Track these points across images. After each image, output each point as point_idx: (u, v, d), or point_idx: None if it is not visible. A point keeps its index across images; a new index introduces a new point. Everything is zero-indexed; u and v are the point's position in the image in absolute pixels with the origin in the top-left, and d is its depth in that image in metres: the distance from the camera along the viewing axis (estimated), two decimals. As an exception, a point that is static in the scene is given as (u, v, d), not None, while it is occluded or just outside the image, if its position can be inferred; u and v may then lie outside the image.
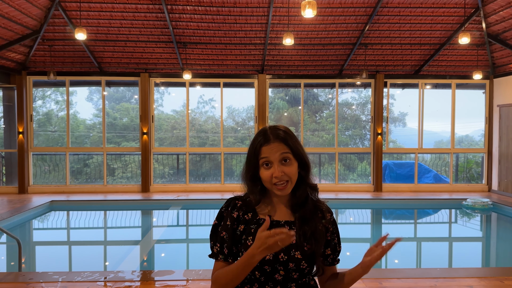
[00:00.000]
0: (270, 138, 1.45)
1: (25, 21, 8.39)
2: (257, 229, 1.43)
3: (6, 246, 6.53)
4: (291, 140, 1.46)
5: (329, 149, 12.12)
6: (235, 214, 1.50)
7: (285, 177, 1.42)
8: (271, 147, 1.43)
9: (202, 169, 12.71)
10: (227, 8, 8.58)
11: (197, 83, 10.65)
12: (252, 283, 1.46)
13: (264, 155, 1.44)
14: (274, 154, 1.43)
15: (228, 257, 1.48)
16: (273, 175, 1.42)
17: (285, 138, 1.45)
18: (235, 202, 1.53)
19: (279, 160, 1.43)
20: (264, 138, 1.46)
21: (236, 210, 1.51)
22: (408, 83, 10.76)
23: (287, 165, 1.43)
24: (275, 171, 1.41)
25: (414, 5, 8.57)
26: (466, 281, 3.99)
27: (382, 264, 5.66)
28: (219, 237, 1.50)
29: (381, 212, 9.41)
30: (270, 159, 1.43)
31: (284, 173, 1.42)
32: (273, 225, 1.46)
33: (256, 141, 1.48)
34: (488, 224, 8.46)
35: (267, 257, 1.41)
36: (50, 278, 4.04)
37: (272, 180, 1.42)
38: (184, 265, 5.51)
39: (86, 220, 8.52)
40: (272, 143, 1.44)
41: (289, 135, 1.48)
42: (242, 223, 1.49)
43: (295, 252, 1.42)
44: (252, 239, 1.43)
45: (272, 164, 1.43)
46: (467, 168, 11.93)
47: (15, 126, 10.01)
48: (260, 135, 1.48)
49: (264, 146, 1.44)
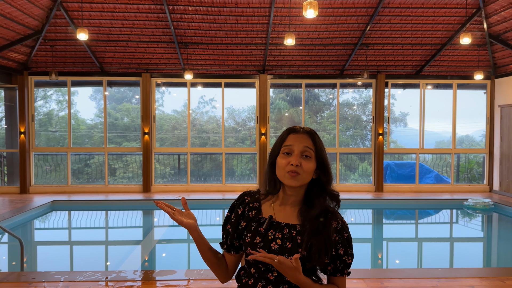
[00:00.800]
0: (299, 129, 1.51)
1: (27, 21, 8.40)
2: (257, 227, 1.48)
3: (8, 245, 6.54)
4: (318, 139, 1.51)
5: (330, 149, 12.11)
6: (240, 210, 1.55)
7: (300, 170, 1.43)
8: (298, 137, 1.48)
9: (203, 169, 12.72)
10: (229, 8, 8.59)
11: (198, 83, 10.66)
12: (249, 277, 1.51)
13: (289, 142, 1.48)
14: (298, 143, 1.47)
15: (231, 249, 1.56)
16: (289, 163, 1.44)
17: (312, 134, 1.50)
18: (244, 198, 1.57)
19: (301, 151, 1.46)
20: (294, 128, 1.52)
21: (242, 206, 1.55)
22: (409, 83, 10.76)
23: (306, 160, 1.46)
24: (293, 159, 1.44)
25: (415, 5, 8.57)
26: (467, 281, 3.99)
27: (384, 264, 5.67)
28: (226, 229, 1.57)
29: (382, 213, 9.41)
30: (293, 147, 1.46)
31: (300, 165, 1.43)
32: (273, 225, 1.47)
33: (284, 131, 1.54)
34: (490, 225, 8.46)
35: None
36: (52, 277, 4.05)
37: (287, 168, 1.44)
38: (186, 265, 5.52)
39: (87, 220, 8.53)
40: (300, 134, 1.49)
41: (317, 135, 1.53)
42: (245, 219, 1.53)
43: (288, 257, 1.40)
44: (250, 236, 1.47)
45: (292, 153, 1.46)
46: (468, 168, 11.92)
47: (16, 126, 10.03)
48: (289, 127, 1.55)
49: (291, 134, 1.50)
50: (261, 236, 1.46)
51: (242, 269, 1.56)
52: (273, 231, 1.46)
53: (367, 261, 5.52)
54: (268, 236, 1.45)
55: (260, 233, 1.46)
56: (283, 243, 1.44)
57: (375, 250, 6.57)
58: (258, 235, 1.46)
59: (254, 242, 1.45)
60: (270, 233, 1.46)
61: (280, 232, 1.46)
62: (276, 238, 1.45)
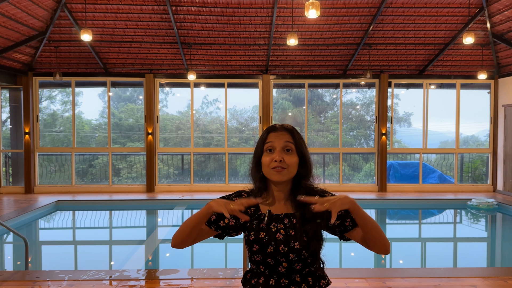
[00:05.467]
0: (278, 127, 1.58)
1: (31, 22, 8.47)
2: (258, 223, 1.53)
3: (13, 245, 6.60)
4: (298, 135, 1.58)
5: (333, 149, 12.11)
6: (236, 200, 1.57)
7: (284, 164, 1.50)
8: (278, 134, 1.55)
9: (206, 169, 12.75)
10: (232, 9, 8.61)
11: (202, 83, 10.70)
12: (258, 276, 1.54)
13: (270, 140, 1.55)
14: (279, 140, 1.53)
15: (212, 225, 1.58)
16: (273, 159, 1.50)
17: (291, 131, 1.57)
18: (241, 194, 1.63)
19: (282, 147, 1.52)
20: (273, 127, 1.60)
21: (239, 198, 1.56)
22: (412, 83, 10.74)
23: (288, 154, 1.52)
24: (275, 155, 1.51)
25: (418, 5, 8.56)
26: (470, 280, 3.99)
27: (387, 264, 5.67)
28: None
29: (385, 212, 9.40)
30: (274, 144, 1.53)
31: (283, 160, 1.50)
32: (273, 218, 1.53)
33: (264, 131, 1.61)
34: (493, 225, 8.43)
35: (269, 249, 1.48)
36: (56, 276, 4.09)
37: (271, 164, 1.50)
38: (189, 264, 5.54)
39: (91, 219, 8.58)
40: (279, 131, 1.56)
41: (296, 131, 1.59)
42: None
43: (294, 243, 1.47)
44: (254, 234, 1.52)
45: (275, 150, 1.52)
46: (473, 168, 11.88)
47: (21, 127, 10.10)
48: (269, 126, 1.62)
49: (271, 132, 1.57)
50: (264, 231, 1.51)
51: (249, 272, 1.60)
52: (275, 223, 1.52)
53: (370, 261, 5.53)
54: (271, 229, 1.51)
55: (263, 229, 1.51)
56: (287, 232, 1.50)
57: (378, 250, 6.55)
58: (261, 231, 1.51)
59: (259, 238, 1.50)
60: (272, 226, 1.51)
61: (281, 223, 1.52)
62: (280, 229, 1.51)
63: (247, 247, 1.56)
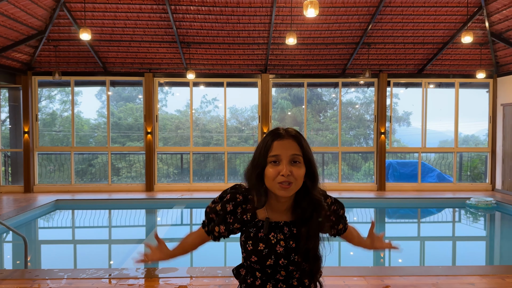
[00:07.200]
0: (283, 134, 1.42)
1: (30, 21, 8.47)
2: (256, 232, 1.44)
3: (12, 244, 6.61)
4: (305, 142, 1.43)
5: (332, 148, 12.12)
6: (230, 207, 1.48)
7: (292, 178, 1.37)
8: (284, 143, 1.39)
9: (206, 168, 12.77)
10: (230, 8, 8.62)
11: (201, 82, 10.70)
12: (255, 278, 1.48)
13: (275, 151, 1.39)
14: (285, 151, 1.38)
15: (210, 234, 1.56)
16: (280, 173, 1.36)
17: (297, 137, 1.42)
18: (236, 196, 1.48)
19: (289, 159, 1.38)
20: (277, 134, 1.42)
21: (233, 204, 1.48)
22: (411, 82, 10.76)
23: (296, 166, 1.38)
24: (283, 169, 1.36)
25: (417, 4, 8.57)
26: (468, 279, 4.00)
27: (385, 262, 5.69)
28: (209, 217, 1.54)
29: (384, 211, 9.42)
30: (280, 156, 1.38)
31: (291, 173, 1.37)
32: (272, 226, 1.44)
33: (267, 137, 1.43)
34: (492, 223, 8.45)
35: (268, 262, 1.41)
36: (55, 275, 4.10)
37: (278, 179, 1.37)
38: (188, 263, 5.55)
39: (90, 218, 8.59)
40: (285, 139, 1.40)
41: (302, 136, 1.45)
42: (238, 221, 1.47)
43: (294, 256, 1.42)
44: (252, 244, 1.43)
45: (281, 162, 1.38)
46: (472, 167, 11.90)
47: (20, 126, 10.11)
48: (272, 132, 1.44)
49: (276, 140, 1.40)
50: (263, 241, 1.42)
51: (242, 267, 1.54)
52: (274, 233, 1.43)
53: (369, 259, 5.54)
54: (271, 241, 1.42)
55: (262, 239, 1.42)
56: (287, 243, 1.42)
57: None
58: (260, 241, 1.42)
59: (258, 249, 1.41)
60: (271, 237, 1.42)
61: (280, 232, 1.43)
62: (279, 240, 1.42)
63: (242, 250, 1.48)
